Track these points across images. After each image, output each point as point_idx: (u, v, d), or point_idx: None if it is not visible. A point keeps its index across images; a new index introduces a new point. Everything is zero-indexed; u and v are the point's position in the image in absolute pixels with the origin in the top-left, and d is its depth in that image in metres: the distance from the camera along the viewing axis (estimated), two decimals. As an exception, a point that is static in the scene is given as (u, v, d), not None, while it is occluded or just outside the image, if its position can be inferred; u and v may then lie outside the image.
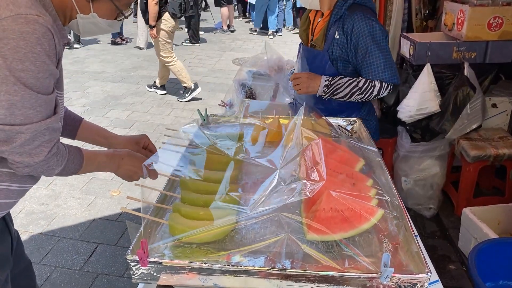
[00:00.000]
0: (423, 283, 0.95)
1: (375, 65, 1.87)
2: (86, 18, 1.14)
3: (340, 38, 1.92)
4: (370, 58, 1.87)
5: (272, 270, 0.99)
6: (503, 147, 2.73)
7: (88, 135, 1.48)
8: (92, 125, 1.50)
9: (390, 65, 1.88)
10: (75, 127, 1.44)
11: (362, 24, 1.85)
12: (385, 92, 1.92)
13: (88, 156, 1.25)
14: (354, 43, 1.88)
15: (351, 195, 1.10)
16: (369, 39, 1.85)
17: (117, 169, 1.32)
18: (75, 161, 1.20)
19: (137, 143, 1.51)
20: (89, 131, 1.48)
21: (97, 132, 1.50)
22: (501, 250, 1.94)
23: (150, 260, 1.01)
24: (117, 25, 1.24)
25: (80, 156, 1.22)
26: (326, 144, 1.31)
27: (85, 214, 3.07)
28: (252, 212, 1.11)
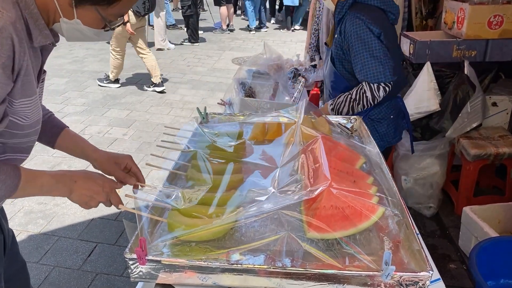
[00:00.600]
0: (424, 281, 0.94)
1: (360, 65, 1.87)
2: (70, 23, 1.06)
3: (338, 38, 1.96)
4: (356, 58, 1.88)
5: (272, 268, 0.98)
6: (503, 146, 2.72)
7: (67, 145, 1.35)
8: (73, 135, 1.37)
9: (375, 62, 1.84)
10: (55, 135, 1.33)
11: (350, 24, 1.87)
12: (380, 93, 1.87)
13: (28, 177, 1.04)
14: (347, 43, 1.92)
15: (352, 192, 1.09)
16: (354, 39, 1.86)
17: (70, 193, 1.12)
18: (7, 181, 1.00)
19: (117, 163, 1.31)
20: (69, 141, 1.35)
21: (75, 143, 1.36)
22: (502, 248, 1.93)
23: (148, 258, 1.00)
24: (105, 35, 1.13)
25: (15, 176, 1.01)
26: (326, 142, 1.30)
27: (84, 213, 3.05)
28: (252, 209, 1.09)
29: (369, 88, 1.87)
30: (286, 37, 9.43)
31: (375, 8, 1.93)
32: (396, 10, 2.00)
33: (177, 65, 7.06)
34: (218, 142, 1.50)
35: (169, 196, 1.16)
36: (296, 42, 8.84)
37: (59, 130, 1.33)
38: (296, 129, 1.43)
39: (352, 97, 1.92)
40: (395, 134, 2.11)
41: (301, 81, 3.14)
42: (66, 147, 1.35)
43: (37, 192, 1.09)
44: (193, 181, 1.27)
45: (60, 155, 3.83)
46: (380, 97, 1.88)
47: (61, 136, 1.33)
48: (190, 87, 5.95)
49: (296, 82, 3.15)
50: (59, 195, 1.12)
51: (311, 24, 3.94)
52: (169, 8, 10.02)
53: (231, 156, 1.42)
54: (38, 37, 1.02)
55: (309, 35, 4.05)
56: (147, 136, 4.31)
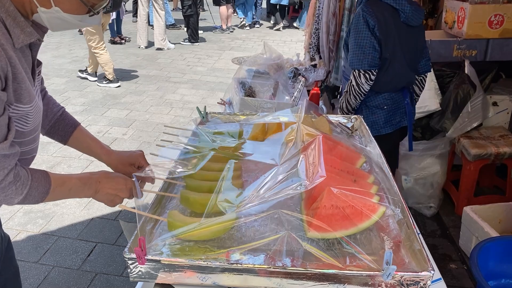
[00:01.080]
0: (426, 281, 0.94)
1: (350, 50, 2.07)
2: (49, 13, 1.00)
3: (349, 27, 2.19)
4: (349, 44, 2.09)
5: (272, 268, 0.98)
6: (504, 145, 2.71)
7: (78, 146, 1.37)
8: (86, 136, 1.37)
9: (358, 50, 2.00)
10: (67, 133, 1.33)
11: (355, 14, 2.08)
12: (362, 80, 2.03)
13: (57, 182, 1.09)
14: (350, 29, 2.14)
15: (352, 191, 1.08)
16: (352, 27, 2.06)
17: (95, 194, 1.18)
18: (39, 188, 1.05)
19: (131, 164, 1.36)
20: (81, 142, 1.36)
21: (88, 146, 1.37)
22: (503, 248, 1.93)
23: (148, 258, 0.99)
24: (91, 20, 1.07)
25: (46, 182, 1.06)
26: (326, 141, 1.30)
27: (84, 213, 3.05)
28: (250, 205, 1.09)
29: (353, 76, 2.05)
30: (286, 37, 9.43)
31: (386, 6, 2.04)
32: (408, 9, 2.05)
33: (177, 64, 7.06)
34: (218, 141, 1.49)
35: None
36: (296, 41, 8.84)
37: (71, 128, 1.34)
38: (296, 128, 1.43)
39: (345, 91, 2.13)
40: (384, 124, 2.20)
41: (301, 80, 3.13)
42: (78, 147, 1.37)
43: (65, 195, 1.13)
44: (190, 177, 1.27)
45: (60, 155, 3.82)
46: (363, 84, 2.04)
47: (74, 135, 1.34)
48: (190, 86, 5.95)
49: (296, 81, 3.14)
50: (85, 196, 1.17)
51: (311, 23, 3.93)
52: (168, 8, 10.02)
53: (231, 155, 1.41)
54: (20, 36, 0.97)
55: (309, 34, 4.04)
56: (147, 135, 4.30)
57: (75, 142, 1.35)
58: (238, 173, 1.34)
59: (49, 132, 1.32)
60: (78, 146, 1.37)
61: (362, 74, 2.02)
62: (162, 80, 6.16)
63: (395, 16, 2.05)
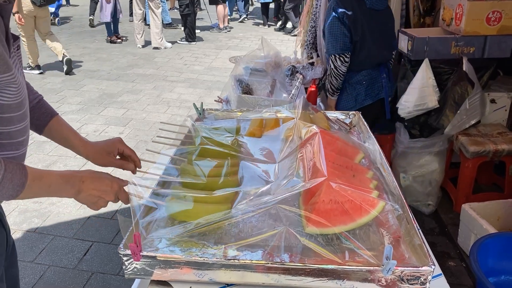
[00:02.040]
0: (426, 276, 0.92)
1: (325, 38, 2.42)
2: None
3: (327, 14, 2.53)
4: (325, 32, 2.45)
5: (270, 264, 0.96)
6: (502, 142, 2.70)
7: (54, 136, 1.28)
8: (62, 126, 1.28)
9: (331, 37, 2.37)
10: (43, 122, 1.25)
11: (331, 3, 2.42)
12: (338, 62, 2.40)
13: (35, 175, 0.98)
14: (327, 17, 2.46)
15: (351, 186, 1.07)
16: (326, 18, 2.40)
17: (78, 194, 1.07)
18: (14, 179, 0.93)
19: (109, 153, 1.28)
20: (57, 133, 1.28)
21: (64, 138, 1.29)
22: (503, 245, 1.92)
23: (143, 254, 0.98)
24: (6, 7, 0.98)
25: (22, 174, 0.95)
26: (325, 136, 1.28)
27: (80, 212, 3.02)
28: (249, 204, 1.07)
29: (331, 60, 2.42)
30: (284, 36, 9.41)
31: None
32: None
33: (174, 63, 7.03)
34: (215, 137, 1.47)
35: None
36: (293, 41, 8.82)
37: (48, 118, 1.25)
38: (294, 124, 1.41)
39: (328, 74, 2.48)
40: (365, 97, 2.58)
41: (299, 78, 3.11)
42: (54, 138, 1.28)
43: (44, 192, 1.02)
44: (186, 175, 1.25)
45: (56, 154, 3.79)
46: (340, 66, 2.39)
47: (50, 125, 1.25)
48: (187, 85, 5.93)
49: (294, 79, 3.13)
50: (66, 195, 1.06)
51: (306, 21, 3.91)
52: (166, 7, 9.99)
53: (229, 150, 1.40)
54: None
55: (303, 32, 4.02)
56: (144, 134, 4.28)
57: (50, 132, 1.26)
58: (235, 169, 1.32)
59: None
60: (53, 136, 1.28)
61: (338, 57, 2.38)
62: (159, 79, 6.14)
63: (361, 4, 2.41)
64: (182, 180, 1.20)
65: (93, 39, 8.66)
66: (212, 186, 1.17)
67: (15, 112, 1.02)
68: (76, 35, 8.99)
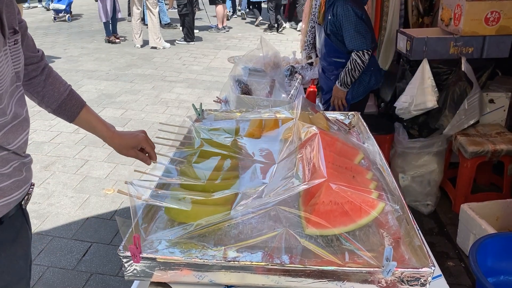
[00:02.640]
0: (426, 277, 0.92)
1: (349, 38, 2.57)
2: None
3: (332, 19, 2.65)
4: (346, 33, 2.59)
5: (270, 265, 0.96)
6: (501, 142, 2.71)
7: (85, 126, 1.36)
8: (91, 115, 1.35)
9: (358, 35, 2.55)
10: (74, 113, 1.31)
11: (341, 9, 2.56)
12: (366, 57, 2.57)
13: None
14: (339, 22, 2.60)
15: (351, 187, 1.07)
16: (345, 20, 2.55)
17: None
18: None
19: (134, 147, 1.38)
20: (87, 122, 1.35)
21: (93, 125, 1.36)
22: (502, 245, 1.92)
23: (143, 256, 0.97)
24: None
25: None
26: (324, 137, 1.28)
27: (79, 212, 3.02)
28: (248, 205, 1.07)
29: (358, 56, 2.58)
30: (283, 36, 9.41)
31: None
32: None
33: (173, 64, 7.02)
34: (214, 138, 1.47)
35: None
36: (292, 40, 8.82)
37: (78, 109, 1.32)
38: (293, 125, 1.41)
39: (349, 68, 2.62)
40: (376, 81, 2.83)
41: (298, 78, 3.11)
42: (83, 126, 1.36)
43: None
44: (186, 176, 1.24)
45: (54, 155, 3.78)
46: (367, 60, 2.60)
47: (80, 116, 1.32)
48: (185, 85, 5.92)
49: (293, 79, 3.13)
50: None
51: (307, 22, 3.92)
52: (164, 7, 9.98)
53: (228, 151, 1.39)
54: None
55: (304, 32, 4.02)
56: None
57: (81, 122, 1.34)
58: (234, 171, 1.32)
59: (56, 111, 1.30)
60: (83, 125, 1.36)
61: (366, 52, 2.56)
62: (157, 79, 6.13)
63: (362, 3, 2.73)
64: (181, 181, 1.20)
65: (92, 39, 8.65)
66: (211, 188, 1.17)
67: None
68: (74, 35, 8.98)
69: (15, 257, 1.15)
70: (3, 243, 1.11)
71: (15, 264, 1.15)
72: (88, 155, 3.81)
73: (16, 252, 1.15)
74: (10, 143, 1.04)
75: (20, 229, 1.17)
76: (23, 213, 1.19)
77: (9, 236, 1.12)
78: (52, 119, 4.55)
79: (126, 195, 1.15)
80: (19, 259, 1.17)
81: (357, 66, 2.60)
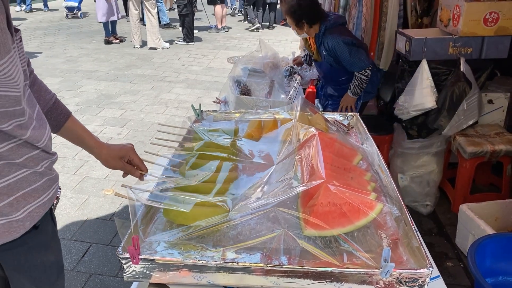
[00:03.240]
0: (424, 278, 0.92)
1: (348, 63, 2.83)
2: None
3: (327, 53, 2.89)
4: (344, 60, 2.83)
5: (268, 266, 0.96)
6: (500, 143, 2.71)
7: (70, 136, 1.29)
8: (77, 125, 1.29)
9: (355, 59, 2.79)
10: (60, 123, 1.25)
11: (331, 43, 2.81)
12: (368, 72, 2.82)
13: None
14: (333, 53, 2.84)
15: (349, 189, 1.07)
16: (338, 50, 2.79)
17: None
18: None
19: (121, 158, 1.32)
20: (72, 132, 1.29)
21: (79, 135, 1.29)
22: (500, 245, 1.92)
23: (141, 257, 0.98)
24: None
25: None
26: (323, 138, 1.28)
27: (78, 213, 3.02)
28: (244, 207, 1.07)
29: (361, 74, 2.83)
30: (282, 36, 9.42)
31: (340, 26, 2.89)
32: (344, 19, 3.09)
33: (172, 64, 7.03)
34: (213, 139, 1.48)
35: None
36: (291, 41, 8.83)
37: (64, 119, 1.26)
38: (292, 126, 1.41)
39: (356, 83, 2.88)
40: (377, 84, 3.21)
41: (297, 79, 3.12)
42: (69, 138, 1.30)
43: None
44: (184, 178, 1.25)
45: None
46: (369, 74, 2.84)
47: (66, 126, 1.26)
48: (185, 86, 5.92)
49: (292, 80, 3.13)
50: None
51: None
52: (163, 7, 9.98)
53: (227, 153, 1.40)
54: None
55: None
56: (142, 135, 4.27)
57: (66, 132, 1.28)
58: (233, 173, 1.33)
59: None
60: (69, 136, 1.29)
61: (367, 69, 2.81)
62: (157, 80, 6.13)
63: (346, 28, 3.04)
64: (180, 183, 1.20)
65: (91, 39, 8.65)
66: (209, 190, 1.17)
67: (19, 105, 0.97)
68: (73, 36, 8.98)
69: (49, 264, 1.14)
70: (39, 250, 1.09)
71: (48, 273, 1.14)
72: (87, 156, 3.79)
73: (49, 259, 1.14)
74: (39, 141, 1.03)
75: (52, 235, 1.16)
76: (52, 217, 1.17)
77: (43, 242, 1.10)
78: (52, 119, 4.56)
79: (124, 197, 1.15)
80: (51, 267, 1.16)
81: (363, 81, 2.85)
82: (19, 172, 0.97)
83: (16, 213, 0.97)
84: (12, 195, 0.96)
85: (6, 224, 0.96)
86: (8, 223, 0.96)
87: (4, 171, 0.94)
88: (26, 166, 0.99)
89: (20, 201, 0.98)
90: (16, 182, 0.97)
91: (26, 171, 0.99)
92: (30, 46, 7.90)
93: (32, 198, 1.01)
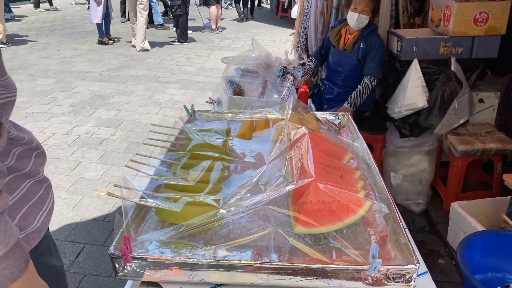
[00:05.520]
0: (411, 274, 0.94)
1: (373, 64, 2.82)
2: None
3: (363, 47, 2.87)
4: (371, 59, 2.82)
5: (259, 264, 0.98)
6: (490, 141, 2.74)
7: None
8: None
9: (379, 66, 2.83)
10: None
11: (377, 40, 2.83)
12: (375, 82, 2.83)
13: None
14: (369, 50, 2.83)
15: (339, 187, 1.09)
16: (376, 48, 2.81)
17: None
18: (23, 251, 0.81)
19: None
20: None
21: None
22: (489, 242, 1.95)
23: (133, 255, 0.99)
24: None
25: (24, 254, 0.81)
26: (313, 137, 1.30)
27: (72, 214, 3.01)
28: (234, 207, 1.08)
29: (370, 81, 2.83)
30: (276, 36, 9.44)
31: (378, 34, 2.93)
32: None
33: (166, 64, 7.02)
34: (205, 139, 1.49)
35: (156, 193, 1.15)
36: (285, 41, 8.85)
37: None
38: (284, 126, 1.43)
39: (361, 91, 2.83)
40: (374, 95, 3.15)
41: (290, 79, 3.13)
42: None
43: None
44: (176, 178, 1.25)
45: (47, 156, 3.76)
46: (374, 87, 2.87)
47: None
48: (179, 86, 5.92)
49: (285, 80, 3.14)
50: None
51: (299, 22, 3.94)
52: (157, 8, 9.97)
53: (219, 153, 1.41)
54: None
55: (296, 33, 4.04)
56: (136, 136, 4.27)
57: None
58: (224, 172, 1.34)
59: None
60: None
61: (376, 80, 2.84)
62: (151, 80, 6.13)
63: None
64: (171, 182, 1.21)
65: (85, 40, 8.62)
66: (201, 189, 1.18)
67: None
68: (67, 36, 8.94)
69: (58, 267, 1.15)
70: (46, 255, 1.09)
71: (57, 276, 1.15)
72: (81, 157, 3.81)
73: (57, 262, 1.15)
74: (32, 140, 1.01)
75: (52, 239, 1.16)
76: None
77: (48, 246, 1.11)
78: (45, 120, 4.54)
79: (116, 197, 1.16)
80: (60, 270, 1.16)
81: (367, 90, 2.83)
82: (25, 183, 0.98)
83: (31, 226, 0.98)
84: (23, 207, 0.97)
85: (24, 237, 0.96)
86: (25, 236, 0.96)
87: (14, 184, 0.94)
88: (29, 176, 0.99)
89: (31, 212, 0.98)
90: (24, 195, 0.97)
91: (30, 181, 1.00)
92: (23, 47, 7.86)
93: (40, 207, 1.02)
